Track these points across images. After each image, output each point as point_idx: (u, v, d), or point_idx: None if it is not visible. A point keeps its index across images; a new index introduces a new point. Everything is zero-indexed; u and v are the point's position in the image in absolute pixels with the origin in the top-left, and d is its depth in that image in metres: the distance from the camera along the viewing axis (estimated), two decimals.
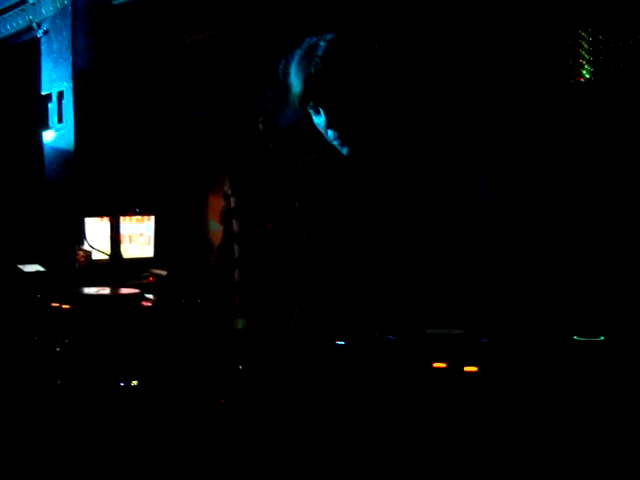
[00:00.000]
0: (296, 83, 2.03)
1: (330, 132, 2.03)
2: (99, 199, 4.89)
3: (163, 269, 5.72)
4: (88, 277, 4.99)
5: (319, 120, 2.04)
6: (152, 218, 5.67)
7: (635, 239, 1.83)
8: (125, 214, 5.01)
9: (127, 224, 5.64)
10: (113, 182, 4.96)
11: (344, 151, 2.05)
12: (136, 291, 2.62)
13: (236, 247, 3.99)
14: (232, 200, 3.95)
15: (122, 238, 5.60)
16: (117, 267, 4.93)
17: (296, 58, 2.04)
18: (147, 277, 5.62)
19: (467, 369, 1.43)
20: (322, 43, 2.01)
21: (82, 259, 5.14)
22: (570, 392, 1.55)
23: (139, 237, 5.85)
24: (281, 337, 1.96)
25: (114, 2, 4.76)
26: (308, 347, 1.84)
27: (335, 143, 2.04)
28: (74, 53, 4.94)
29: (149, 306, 2.57)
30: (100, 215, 4.92)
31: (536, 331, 1.81)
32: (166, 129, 5.29)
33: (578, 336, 1.71)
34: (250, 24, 4.43)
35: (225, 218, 3.95)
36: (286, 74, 2.07)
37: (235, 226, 3.87)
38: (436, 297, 1.89)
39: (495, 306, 1.86)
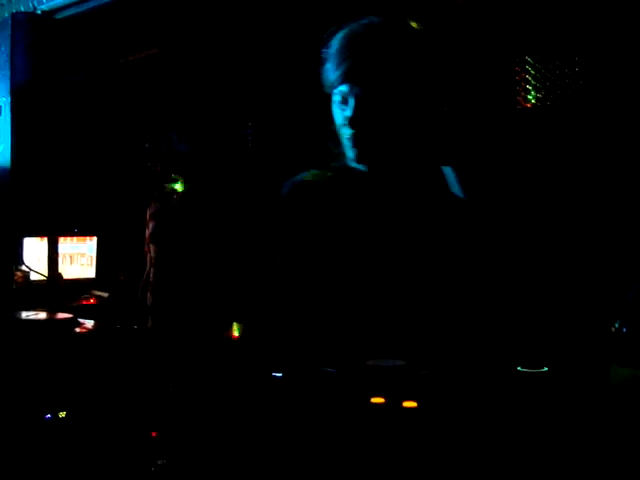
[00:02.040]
0: (332, 67, 1.87)
1: (347, 130, 1.88)
2: (37, 218, 4.76)
3: (105, 290, 5.60)
4: (26, 298, 4.85)
5: (342, 111, 1.89)
6: (94, 238, 5.56)
7: (580, 268, 1.81)
8: (63, 234, 4.88)
9: (68, 244, 5.52)
10: (51, 201, 4.83)
11: (350, 154, 1.92)
12: (69, 316, 2.50)
13: (152, 271, 3.95)
14: (150, 225, 3.92)
15: (63, 258, 5.47)
16: (55, 289, 4.78)
17: (339, 38, 1.88)
18: (88, 298, 5.50)
19: (406, 404, 1.37)
20: (369, 26, 1.86)
21: (20, 280, 5.00)
22: (514, 425, 1.50)
23: (80, 257, 5.72)
24: (214, 363, 1.89)
25: (56, 16, 4.66)
26: (243, 377, 1.76)
27: (346, 143, 1.90)
28: (13, 67, 4.80)
29: (83, 332, 2.46)
30: (37, 235, 4.78)
31: (478, 362, 1.77)
32: (108, 148, 5.20)
33: (522, 367, 1.67)
34: (192, 43, 4.37)
35: (146, 242, 3.93)
36: (325, 55, 1.91)
37: (151, 250, 3.84)
38: (378, 327, 1.84)
39: (437, 335, 1.82)
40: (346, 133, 1.90)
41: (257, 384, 1.69)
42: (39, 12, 4.71)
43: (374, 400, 1.39)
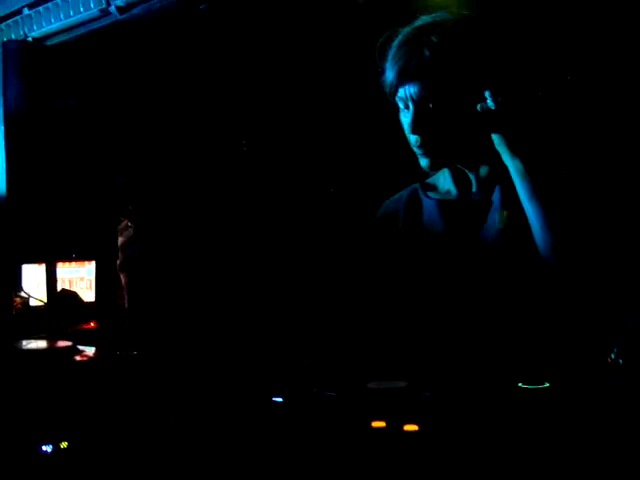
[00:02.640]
0: (390, 68, 1.79)
1: (413, 138, 1.81)
2: (34, 245, 4.74)
3: (105, 315, 5.59)
4: (25, 324, 4.84)
5: (405, 118, 1.82)
6: (93, 262, 5.54)
7: (581, 282, 1.80)
8: (61, 260, 4.87)
9: (67, 268, 5.51)
10: (48, 227, 4.81)
11: (423, 163, 1.84)
12: (68, 344, 2.49)
13: (126, 297, 3.97)
14: (120, 255, 3.95)
15: (62, 283, 5.45)
16: (54, 314, 4.78)
17: (400, 38, 1.80)
18: (87, 323, 5.47)
19: (407, 428, 1.36)
20: (435, 25, 1.74)
21: (19, 306, 4.98)
22: (517, 444, 1.49)
23: (79, 281, 5.70)
24: (212, 390, 1.87)
25: (48, 43, 4.66)
26: (243, 402, 1.75)
27: (417, 152, 1.83)
28: (5, 95, 4.79)
29: (82, 361, 2.44)
30: (34, 262, 4.77)
31: (479, 379, 1.76)
32: (104, 173, 5.19)
33: (523, 384, 1.66)
34: None
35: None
36: (382, 55, 1.83)
37: (122, 279, 3.87)
38: (379, 348, 1.83)
39: (437, 355, 1.81)
40: (412, 141, 1.84)
41: (257, 408, 1.68)
42: (30, 39, 4.72)
43: (375, 424, 1.38)
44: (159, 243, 3.85)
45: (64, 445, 2.03)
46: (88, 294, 5.68)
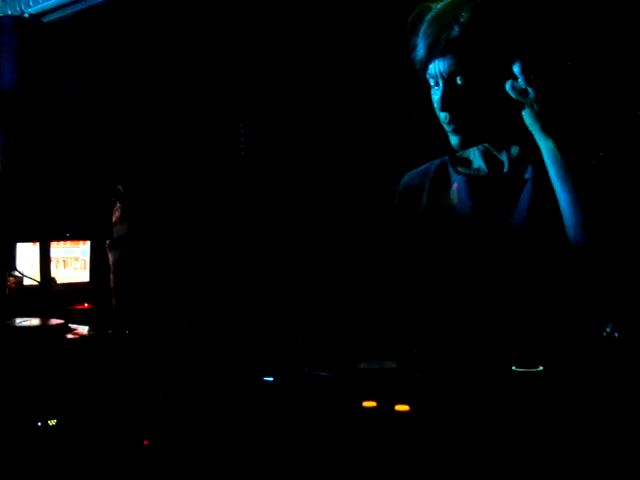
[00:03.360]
0: (421, 44, 1.76)
1: (442, 115, 1.77)
2: (29, 224, 4.73)
3: (99, 295, 5.58)
4: (19, 304, 4.82)
5: (435, 95, 1.78)
6: (87, 242, 5.53)
7: (573, 267, 1.78)
8: (55, 239, 4.86)
9: (61, 248, 5.49)
10: (43, 206, 4.79)
11: (454, 141, 1.79)
12: (60, 322, 2.48)
13: (112, 277, 3.97)
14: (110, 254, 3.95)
15: (57, 263, 5.44)
16: (48, 294, 4.76)
17: (431, 14, 1.75)
18: (82, 303, 5.47)
19: (398, 408, 1.35)
20: (466, 1, 1.71)
21: (13, 285, 4.97)
22: (509, 427, 1.48)
23: (74, 261, 5.70)
24: (202, 367, 1.86)
25: (44, 19, 4.62)
26: (233, 381, 1.73)
27: (447, 129, 1.78)
28: (0, 72, 4.76)
29: (74, 338, 2.43)
30: (29, 240, 4.76)
31: (473, 361, 1.74)
32: (99, 151, 5.16)
33: (516, 367, 1.65)
34: None
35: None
36: (413, 31, 1.79)
37: (110, 257, 3.86)
38: (369, 327, 1.82)
39: (429, 336, 1.79)
40: (442, 118, 1.80)
41: (248, 388, 1.67)
42: (26, 15, 4.67)
43: (366, 404, 1.37)
44: (147, 223, 3.84)
45: (52, 423, 2.02)
46: (82, 274, 5.67)
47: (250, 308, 2.05)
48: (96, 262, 5.60)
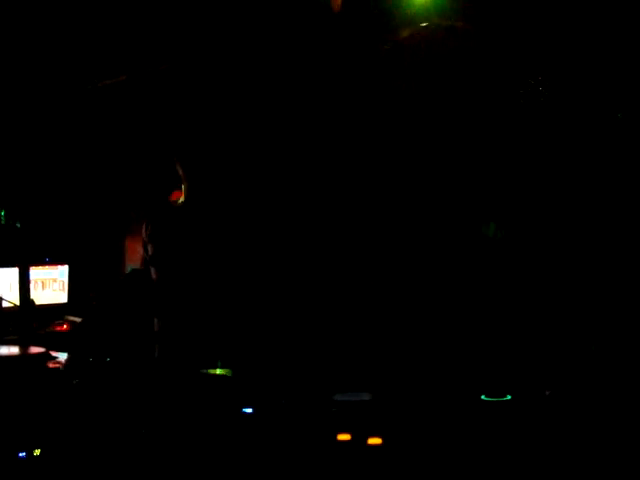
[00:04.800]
0: None
1: None
2: (8, 248, 4.76)
3: (78, 316, 5.59)
4: None
5: None
6: (65, 264, 5.55)
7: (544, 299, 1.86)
8: (34, 264, 4.88)
9: (40, 270, 5.50)
10: (22, 231, 4.82)
11: None
12: (41, 350, 2.51)
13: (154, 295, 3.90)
14: (149, 247, 3.87)
15: (35, 284, 5.45)
16: (27, 317, 4.79)
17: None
18: (61, 324, 5.47)
19: (371, 441, 1.41)
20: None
21: None
22: (479, 455, 1.54)
23: (52, 283, 5.70)
24: (189, 398, 1.92)
25: None
26: (214, 412, 1.79)
27: None
28: None
29: (55, 367, 2.47)
30: (8, 266, 4.78)
31: (443, 391, 1.81)
32: (77, 175, 5.21)
33: (486, 396, 1.72)
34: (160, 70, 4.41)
35: (144, 265, 3.85)
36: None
37: (153, 274, 3.78)
38: (344, 360, 1.88)
39: (402, 367, 1.86)
40: None
41: (228, 420, 1.72)
42: None
43: (340, 437, 1.43)
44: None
45: (37, 452, 2.06)
46: (61, 295, 5.68)
47: (229, 342, 2.11)
48: (74, 284, 5.61)
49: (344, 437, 1.43)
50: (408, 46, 2.09)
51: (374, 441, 1.41)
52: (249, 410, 1.73)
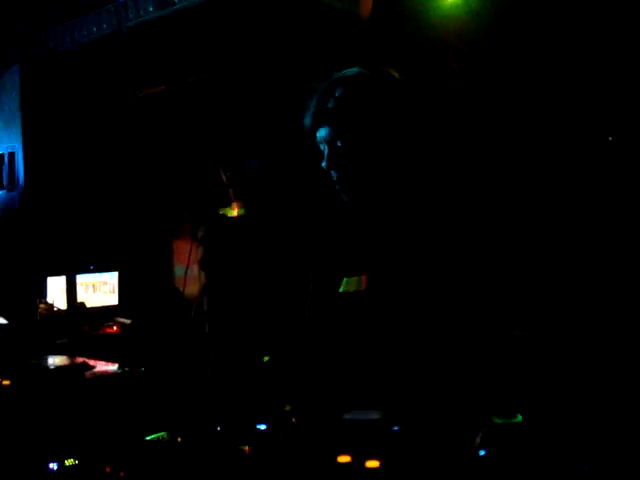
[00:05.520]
0: (308, 116, 2.03)
1: (332, 174, 2.00)
2: (55, 258, 4.93)
3: (128, 317, 5.73)
4: (50, 328, 5.03)
5: (323, 158, 2.03)
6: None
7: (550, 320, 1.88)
8: (81, 272, 5.05)
9: (91, 273, 5.66)
10: (68, 240, 4.99)
11: (345, 199, 2.02)
12: (79, 361, 2.63)
13: (205, 299, 3.98)
14: (200, 251, 3.94)
15: (86, 287, 5.63)
16: (76, 321, 4.96)
17: (316, 92, 2.03)
18: (111, 326, 5.63)
19: (369, 464, 1.46)
20: (343, 79, 1.99)
21: (44, 312, 5.18)
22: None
23: (103, 285, 5.86)
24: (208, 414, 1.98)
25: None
26: (226, 428, 1.85)
27: (337, 188, 2.01)
28: (24, 113, 4.95)
29: (92, 377, 2.58)
30: (56, 275, 4.96)
31: (454, 411, 1.84)
32: (121, 182, 5.34)
33: (496, 417, 1.74)
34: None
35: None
36: (304, 106, 2.06)
37: (202, 277, 3.85)
38: (356, 377, 1.92)
39: (413, 386, 1.89)
40: (333, 177, 2.02)
41: (242, 435, 1.78)
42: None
43: (340, 459, 1.48)
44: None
45: (70, 462, 2.15)
46: (111, 298, 5.84)
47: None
48: (124, 285, 5.76)
49: (344, 459, 1.48)
50: None
51: (372, 464, 1.45)
52: (263, 427, 1.78)
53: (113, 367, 2.76)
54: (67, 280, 4.45)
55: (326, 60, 3.75)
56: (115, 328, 5.62)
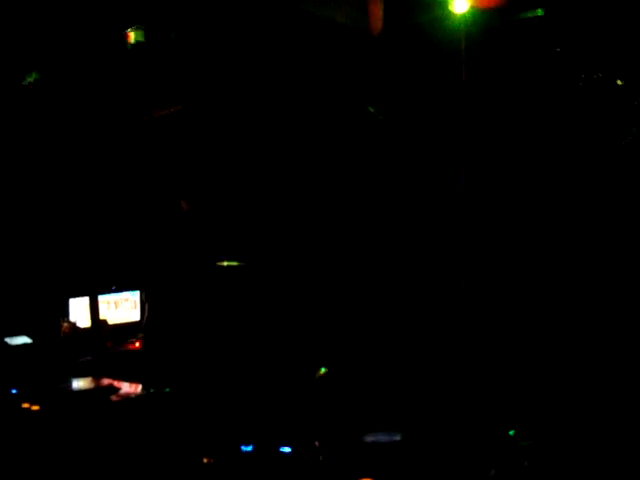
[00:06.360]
0: None
1: None
2: (79, 279, 5.01)
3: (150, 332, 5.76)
4: (74, 345, 5.09)
5: None
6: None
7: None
8: (102, 293, 5.11)
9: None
10: (89, 262, 5.06)
11: None
12: (106, 384, 2.69)
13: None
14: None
15: (108, 305, 5.69)
16: (99, 339, 5.02)
17: None
18: (133, 342, 5.67)
19: None
20: None
21: (67, 330, 5.24)
22: None
23: (124, 302, 5.92)
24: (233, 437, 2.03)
25: None
26: (255, 449, 1.91)
27: None
28: None
29: (118, 400, 2.64)
30: (79, 296, 5.02)
31: (470, 428, 1.88)
32: (142, 206, 5.40)
33: (514, 432, 1.78)
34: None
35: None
36: None
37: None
38: (378, 397, 1.97)
39: (433, 406, 1.93)
40: None
41: (265, 457, 1.83)
42: None
43: None
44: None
45: None
46: (133, 313, 5.90)
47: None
48: (146, 302, 5.81)
49: None
50: None
51: None
52: (287, 450, 1.83)
53: (138, 388, 2.82)
54: (90, 300, 4.52)
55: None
56: (137, 344, 5.67)
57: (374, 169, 4.08)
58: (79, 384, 2.71)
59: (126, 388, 2.75)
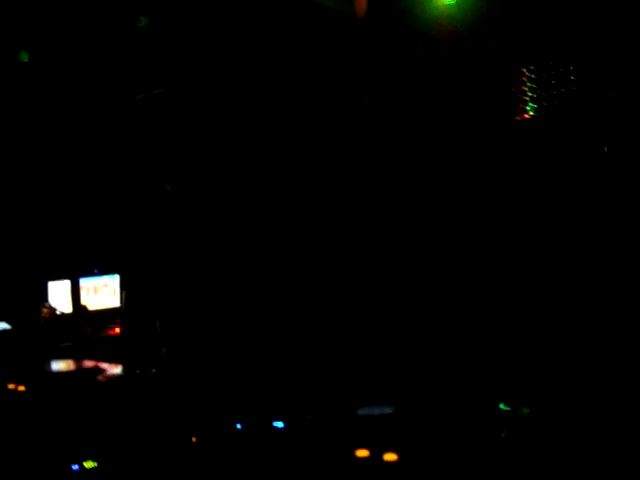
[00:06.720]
0: None
1: None
2: (59, 262, 4.97)
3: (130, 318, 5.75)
4: (54, 331, 5.06)
5: None
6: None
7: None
8: (84, 275, 5.08)
9: (92, 277, 5.68)
10: (71, 245, 5.02)
11: None
12: (91, 365, 2.68)
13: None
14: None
15: (87, 290, 5.66)
16: (79, 322, 5.00)
17: None
18: (113, 328, 5.65)
19: (387, 457, 1.51)
20: None
21: (46, 315, 5.21)
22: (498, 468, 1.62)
23: (104, 288, 5.89)
24: (226, 409, 2.04)
25: None
26: (246, 426, 1.91)
27: None
28: None
29: (104, 381, 2.63)
30: (60, 279, 4.99)
31: (462, 399, 1.90)
32: (124, 189, 5.37)
33: (504, 405, 1.80)
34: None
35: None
36: None
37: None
38: (367, 371, 1.98)
39: (422, 376, 1.95)
40: None
41: (259, 432, 1.84)
42: None
43: (358, 453, 1.53)
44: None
45: (90, 465, 2.21)
46: (113, 299, 5.88)
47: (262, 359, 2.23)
48: (125, 288, 5.78)
49: (362, 453, 1.53)
50: None
51: (390, 457, 1.51)
52: (280, 425, 1.84)
53: (123, 370, 2.81)
54: (72, 284, 4.48)
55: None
56: (117, 330, 5.65)
57: (358, 154, 4.09)
58: (64, 365, 2.70)
59: (112, 369, 2.74)
